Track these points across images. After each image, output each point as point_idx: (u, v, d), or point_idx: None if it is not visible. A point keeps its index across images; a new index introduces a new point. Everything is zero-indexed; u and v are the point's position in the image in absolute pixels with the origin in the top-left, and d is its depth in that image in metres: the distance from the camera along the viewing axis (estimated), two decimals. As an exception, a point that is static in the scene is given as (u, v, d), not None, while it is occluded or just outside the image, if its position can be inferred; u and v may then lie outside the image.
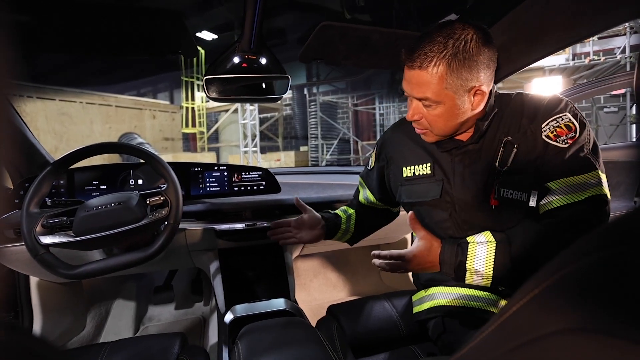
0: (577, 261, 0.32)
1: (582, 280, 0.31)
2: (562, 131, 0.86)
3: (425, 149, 1.03)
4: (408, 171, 1.06)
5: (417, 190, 1.04)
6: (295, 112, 12.04)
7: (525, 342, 0.32)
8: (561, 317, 0.31)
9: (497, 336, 0.37)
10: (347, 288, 2.27)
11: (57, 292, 1.56)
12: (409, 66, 0.86)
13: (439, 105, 0.87)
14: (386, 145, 1.16)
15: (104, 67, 10.81)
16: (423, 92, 0.86)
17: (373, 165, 1.21)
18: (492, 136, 0.93)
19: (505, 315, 0.37)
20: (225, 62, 1.13)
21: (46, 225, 1.02)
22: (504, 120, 0.93)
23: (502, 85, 8.63)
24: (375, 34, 0.97)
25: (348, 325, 1.19)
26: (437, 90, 0.84)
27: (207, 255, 1.52)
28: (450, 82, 0.83)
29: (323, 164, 11.01)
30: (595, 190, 0.82)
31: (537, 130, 0.88)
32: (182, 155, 11.04)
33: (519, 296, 0.35)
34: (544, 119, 0.88)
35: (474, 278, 0.88)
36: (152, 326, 1.95)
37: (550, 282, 0.33)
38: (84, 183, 1.36)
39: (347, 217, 1.27)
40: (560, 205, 0.85)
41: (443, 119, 0.89)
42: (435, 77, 0.83)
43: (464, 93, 0.85)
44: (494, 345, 0.38)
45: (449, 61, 0.81)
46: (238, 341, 1.00)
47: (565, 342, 0.29)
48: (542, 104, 0.91)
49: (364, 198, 1.30)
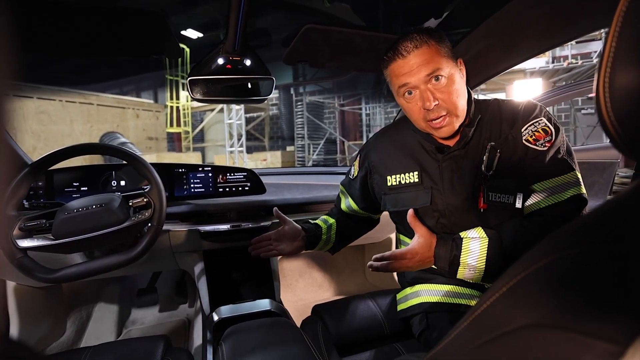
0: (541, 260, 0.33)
1: (545, 277, 0.33)
2: (540, 135, 0.92)
3: (412, 157, 1.05)
4: (392, 180, 1.07)
5: (403, 198, 1.05)
6: (282, 112, 12.01)
7: (494, 337, 0.34)
8: (526, 314, 0.32)
9: (470, 332, 0.39)
10: (332, 288, 2.28)
11: (35, 297, 1.53)
12: (403, 55, 0.90)
13: (448, 74, 0.90)
14: (369, 155, 1.15)
15: (85, 65, 10.58)
16: (432, 65, 0.89)
17: (356, 174, 1.21)
18: (476, 142, 0.97)
19: (477, 311, 0.38)
20: (210, 63, 1.12)
21: (24, 229, 1.00)
22: (485, 126, 0.98)
23: (485, 87, 8.77)
24: (358, 37, 0.98)
25: (333, 325, 1.20)
26: (439, 58, 0.89)
27: (191, 257, 1.51)
28: (443, 50, 0.90)
29: (309, 164, 11.01)
30: (576, 189, 0.90)
31: (518, 135, 0.93)
32: (167, 155, 10.90)
33: (490, 293, 0.37)
34: (523, 124, 0.94)
35: (465, 272, 0.91)
36: (135, 329, 1.93)
37: (517, 280, 0.35)
38: (64, 185, 1.33)
39: (327, 227, 1.26)
40: (545, 205, 0.91)
41: (456, 92, 0.91)
42: (432, 49, 0.89)
43: (455, 61, 0.93)
44: (467, 341, 0.39)
45: (431, 36, 0.90)
46: (222, 342, 1.00)
47: (530, 337, 0.31)
48: (519, 109, 0.96)
49: (347, 206, 1.29)
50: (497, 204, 0.93)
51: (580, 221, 0.34)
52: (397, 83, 0.93)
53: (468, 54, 1.22)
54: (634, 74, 0.31)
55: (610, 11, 0.31)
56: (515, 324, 0.32)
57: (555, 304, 0.30)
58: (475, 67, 1.26)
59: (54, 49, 1.18)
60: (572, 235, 0.34)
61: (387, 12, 1.36)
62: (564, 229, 0.34)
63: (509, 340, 0.33)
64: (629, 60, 0.31)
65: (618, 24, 0.31)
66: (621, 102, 0.32)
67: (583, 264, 0.30)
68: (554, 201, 0.90)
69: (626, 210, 0.32)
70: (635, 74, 0.31)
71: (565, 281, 0.31)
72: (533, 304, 0.32)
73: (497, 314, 0.35)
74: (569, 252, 0.32)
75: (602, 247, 0.30)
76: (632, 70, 0.31)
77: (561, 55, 8.53)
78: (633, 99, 0.31)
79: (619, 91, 0.31)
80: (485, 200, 0.94)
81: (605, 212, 0.34)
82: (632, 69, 0.31)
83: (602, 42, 7.61)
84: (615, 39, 0.31)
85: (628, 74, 0.31)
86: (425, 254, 0.94)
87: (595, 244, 0.31)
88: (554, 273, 0.32)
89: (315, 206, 1.62)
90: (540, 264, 0.33)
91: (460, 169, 0.97)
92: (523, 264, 0.35)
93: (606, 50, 0.32)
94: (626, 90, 0.31)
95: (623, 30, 0.31)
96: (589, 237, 0.32)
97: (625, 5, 0.31)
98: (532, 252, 0.35)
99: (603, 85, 0.32)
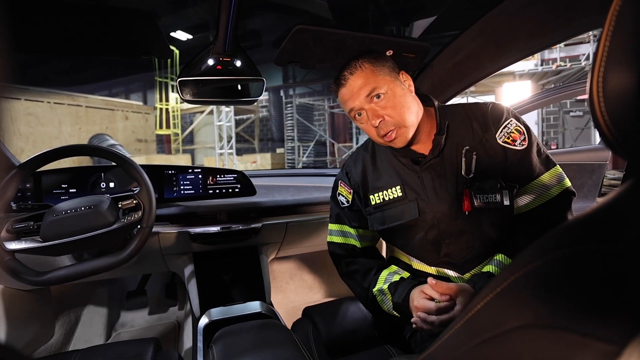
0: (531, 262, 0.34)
1: (537, 279, 0.33)
2: (515, 135, 0.97)
3: (391, 172, 1.05)
4: (376, 198, 1.06)
5: (390, 214, 1.04)
6: (272, 114, 12.00)
7: (488, 338, 0.34)
8: (519, 315, 0.32)
9: (464, 334, 0.39)
10: (323, 290, 2.28)
11: (23, 299, 1.50)
12: (343, 83, 0.97)
13: (389, 91, 0.94)
14: (351, 175, 1.13)
15: (73, 66, 10.47)
16: (369, 85, 0.94)
17: (351, 197, 1.12)
18: (449, 148, 0.99)
19: (470, 312, 0.38)
20: (200, 64, 1.12)
21: (11, 231, 0.99)
22: (455, 131, 1.00)
23: (475, 89, 8.86)
24: (349, 38, 0.98)
25: (323, 327, 1.20)
26: (378, 78, 0.95)
27: (181, 259, 1.50)
28: (379, 69, 0.95)
29: (299, 166, 11.00)
30: (564, 183, 0.97)
31: (492, 138, 0.97)
32: (156, 157, 10.83)
33: (483, 295, 0.37)
34: (496, 127, 0.98)
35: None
36: (124, 332, 1.90)
37: (509, 282, 0.35)
38: (53, 186, 1.32)
39: (399, 272, 1.07)
40: (538, 204, 0.97)
41: (400, 105, 0.94)
42: (368, 71, 0.95)
43: (396, 75, 0.98)
44: (460, 342, 0.39)
45: (366, 59, 0.96)
46: (213, 345, 0.99)
47: (524, 337, 0.31)
48: (487, 113, 1.00)
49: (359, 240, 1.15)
50: (486, 204, 0.95)
51: (569, 222, 0.35)
52: (346, 108, 1.00)
53: (459, 55, 1.23)
54: (628, 74, 0.30)
55: (604, 11, 0.31)
56: (509, 325, 0.32)
57: (547, 305, 0.30)
58: (466, 68, 1.27)
59: (42, 48, 1.16)
60: (562, 237, 0.34)
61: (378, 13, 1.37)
62: (554, 231, 0.35)
63: (503, 341, 0.33)
64: (622, 60, 0.31)
65: (612, 23, 0.31)
66: (614, 102, 0.32)
67: (574, 264, 0.31)
68: (546, 199, 0.96)
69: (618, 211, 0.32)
70: (629, 74, 0.30)
71: (556, 282, 0.31)
72: (526, 305, 0.32)
73: (491, 315, 0.36)
74: (559, 253, 0.32)
75: (593, 247, 0.30)
76: (625, 70, 0.31)
77: (550, 57, 8.66)
78: (626, 98, 0.31)
79: (613, 91, 0.31)
80: (472, 202, 0.95)
81: (595, 213, 0.34)
82: (626, 69, 0.31)
83: (590, 45, 7.75)
84: (608, 38, 0.31)
85: (621, 74, 0.31)
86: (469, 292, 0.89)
87: (585, 244, 0.31)
88: (546, 274, 0.32)
89: (306, 208, 1.62)
90: (531, 266, 0.33)
91: (440, 176, 0.99)
92: (514, 266, 0.35)
93: (600, 50, 0.32)
94: (620, 90, 0.31)
95: (616, 30, 0.31)
96: (579, 238, 0.32)
97: (619, 5, 0.31)
98: (522, 255, 0.35)
99: (597, 85, 0.32)
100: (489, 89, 9.04)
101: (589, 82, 0.33)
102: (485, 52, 1.19)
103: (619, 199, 0.33)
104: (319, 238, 1.72)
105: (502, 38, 1.13)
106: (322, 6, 2.83)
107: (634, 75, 0.30)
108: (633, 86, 0.30)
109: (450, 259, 1.01)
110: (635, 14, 0.30)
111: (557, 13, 0.99)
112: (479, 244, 0.99)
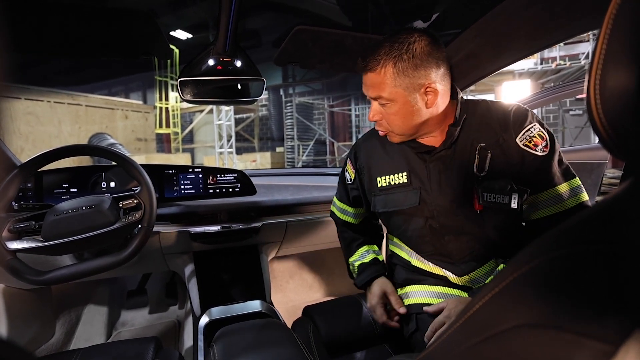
0: (530, 262, 0.34)
1: (535, 278, 0.33)
2: (537, 141, 0.93)
3: (400, 158, 1.05)
4: (383, 181, 1.07)
5: (393, 199, 1.05)
6: (272, 113, 11.99)
7: (487, 337, 0.34)
8: (518, 314, 0.32)
9: (463, 333, 0.39)
10: (323, 289, 2.28)
11: (24, 299, 1.51)
12: (362, 70, 0.93)
13: (393, 103, 0.92)
14: (359, 155, 1.15)
15: (73, 66, 10.45)
16: (376, 91, 0.92)
17: (353, 176, 1.17)
18: (464, 142, 0.97)
19: (469, 312, 0.38)
20: (200, 64, 1.12)
21: (13, 230, 0.99)
22: (474, 126, 0.97)
23: (475, 88, 8.86)
24: (348, 38, 0.99)
25: (323, 326, 1.20)
26: (388, 88, 0.90)
27: (181, 258, 1.51)
28: (399, 80, 0.89)
29: (299, 165, 11.00)
30: (581, 197, 0.93)
31: (511, 140, 0.93)
32: (156, 157, 10.82)
33: (482, 294, 0.37)
34: (517, 130, 0.94)
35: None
36: (125, 331, 1.91)
37: (509, 281, 0.35)
38: (53, 186, 1.32)
39: (377, 250, 1.25)
40: (552, 213, 0.94)
41: (400, 117, 0.93)
42: (384, 77, 0.89)
43: (415, 91, 0.90)
44: (459, 341, 0.39)
45: (395, 62, 0.88)
46: (213, 344, 1.00)
47: (523, 337, 0.31)
48: (509, 113, 0.96)
49: (354, 216, 1.26)
50: (493, 205, 0.94)
51: (568, 223, 0.35)
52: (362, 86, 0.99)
53: (459, 54, 1.23)
54: (625, 75, 0.30)
55: (601, 12, 0.31)
56: (507, 324, 0.33)
57: (546, 304, 0.31)
58: (466, 67, 1.27)
59: (42, 49, 1.17)
60: (561, 237, 0.34)
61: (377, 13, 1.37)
62: (552, 231, 0.35)
63: (502, 340, 0.33)
64: (619, 61, 0.31)
65: (609, 25, 0.31)
66: (612, 103, 0.32)
67: (572, 264, 0.31)
68: (560, 209, 0.93)
69: (616, 211, 0.32)
70: (626, 75, 0.30)
71: (555, 282, 0.31)
72: (524, 304, 0.33)
73: (490, 314, 0.36)
74: (557, 253, 0.32)
75: (592, 247, 0.31)
76: (622, 71, 0.31)
77: (549, 56, 8.65)
78: (624, 99, 0.31)
79: (610, 92, 0.31)
80: (480, 200, 0.94)
81: (593, 213, 0.34)
82: (623, 70, 0.31)
83: (590, 43, 7.74)
84: (606, 40, 0.31)
85: (619, 75, 0.31)
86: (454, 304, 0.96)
87: (584, 244, 0.31)
88: (544, 274, 0.33)
89: (306, 207, 1.63)
90: (530, 265, 0.34)
91: (448, 169, 0.98)
92: (513, 265, 0.35)
93: (597, 52, 0.32)
94: (617, 91, 0.31)
95: (614, 32, 0.31)
96: (577, 238, 0.32)
97: (616, 6, 0.31)
98: (521, 255, 0.35)
99: (594, 86, 0.32)
100: (489, 88, 9.03)
101: (586, 83, 0.33)
102: (484, 52, 1.19)
103: (616, 199, 0.33)
104: (318, 237, 1.73)
105: (502, 38, 1.13)
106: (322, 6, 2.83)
107: (631, 77, 0.30)
108: (630, 88, 0.30)
109: (449, 257, 1.01)
110: (632, 16, 0.30)
111: (556, 14, 0.98)
112: (479, 245, 0.98)
